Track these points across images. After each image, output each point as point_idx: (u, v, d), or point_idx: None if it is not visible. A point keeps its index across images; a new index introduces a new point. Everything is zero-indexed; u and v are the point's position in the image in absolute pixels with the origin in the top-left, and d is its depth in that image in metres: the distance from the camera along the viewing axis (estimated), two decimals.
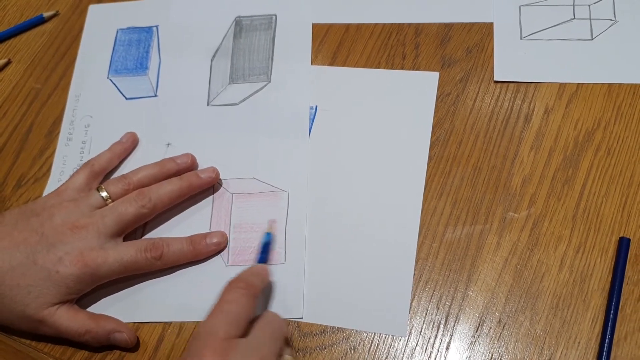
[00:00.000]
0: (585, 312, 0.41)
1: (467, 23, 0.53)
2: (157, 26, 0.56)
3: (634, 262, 0.42)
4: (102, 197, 0.45)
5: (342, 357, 0.41)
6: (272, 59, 0.53)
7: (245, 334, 0.36)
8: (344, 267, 0.44)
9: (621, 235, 0.43)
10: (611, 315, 0.40)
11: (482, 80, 0.50)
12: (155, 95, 0.53)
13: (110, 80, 0.54)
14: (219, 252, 0.45)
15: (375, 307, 0.42)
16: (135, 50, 0.56)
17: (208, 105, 0.52)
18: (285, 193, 0.47)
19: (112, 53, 0.56)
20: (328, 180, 0.47)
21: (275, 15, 0.55)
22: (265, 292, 0.42)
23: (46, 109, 0.55)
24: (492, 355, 0.40)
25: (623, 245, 0.42)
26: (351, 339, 0.42)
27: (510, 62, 0.50)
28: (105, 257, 0.42)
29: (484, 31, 0.52)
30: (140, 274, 0.44)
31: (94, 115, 0.53)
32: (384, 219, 0.45)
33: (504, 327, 0.41)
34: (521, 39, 0.51)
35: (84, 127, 0.53)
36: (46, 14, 0.60)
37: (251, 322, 0.37)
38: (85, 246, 0.42)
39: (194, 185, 0.46)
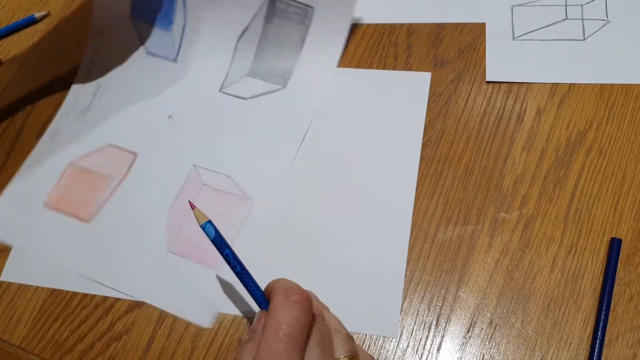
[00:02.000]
0: (576, 313, 0.41)
1: (459, 23, 0.53)
2: None
3: (625, 263, 0.41)
4: None
5: None
6: (297, 61, 0.51)
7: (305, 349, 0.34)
8: (335, 267, 0.44)
9: (613, 236, 0.43)
10: (602, 316, 0.40)
11: (474, 81, 0.50)
12: (175, 61, 0.52)
13: (133, 23, 0.53)
14: None
15: (366, 308, 0.42)
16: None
17: (220, 91, 0.51)
18: (249, 202, 0.47)
19: None
20: (319, 180, 0.47)
21: (313, 9, 0.51)
22: None
23: (37, 109, 0.54)
24: (483, 356, 0.40)
25: (614, 246, 0.42)
26: None
27: (502, 63, 0.50)
28: None
29: (476, 31, 0.52)
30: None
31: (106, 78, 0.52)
32: (376, 219, 0.45)
33: (495, 328, 0.41)
34: (513, 39, 0.51)
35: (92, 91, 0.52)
36: (37, 15, 0.60)
37: None
38: None
39: None
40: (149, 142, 0.50)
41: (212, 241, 0.39)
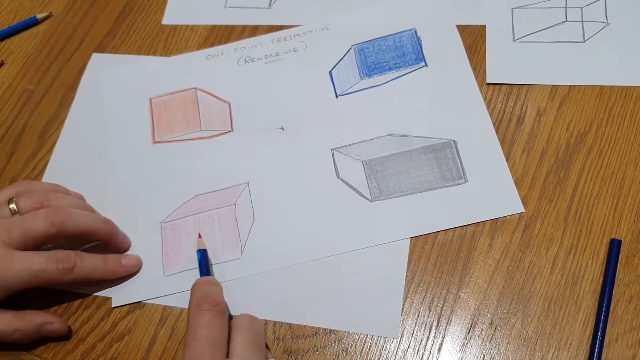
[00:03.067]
0: (576, 314, 0.41)
1: (459, 25, 0.53)
2: None
3: (625, 264, 0.42)
4: (10, 209, 0.43)
5: (334, 359, 0.41)
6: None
7: (227, 349, 0.36)
8: (337, 268, 0.44)
9: (612, 236, 0.43)
10: (602, 317, 0.40)
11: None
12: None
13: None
14: (130, 275, 0.45)
15: (367, 309, 0.42)
16: None
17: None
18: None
19: None
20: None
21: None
22: None
23: (39, 110, 0.55)
24: (484, 357, 0.40)
25: (614, 247, 0.42)
26: (343, 341, 0.42)
27: (502, 64, 0.50)
28: (11, 266, 0.40)
29: (477, 33, 0.52)
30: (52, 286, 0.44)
31: None
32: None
33: (495, 328, 0.41)
34: (513, 41, 0.51)
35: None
36: (39, 16, 0.60)
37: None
38: None
39: (111, 242, 0.46)
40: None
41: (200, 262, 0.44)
